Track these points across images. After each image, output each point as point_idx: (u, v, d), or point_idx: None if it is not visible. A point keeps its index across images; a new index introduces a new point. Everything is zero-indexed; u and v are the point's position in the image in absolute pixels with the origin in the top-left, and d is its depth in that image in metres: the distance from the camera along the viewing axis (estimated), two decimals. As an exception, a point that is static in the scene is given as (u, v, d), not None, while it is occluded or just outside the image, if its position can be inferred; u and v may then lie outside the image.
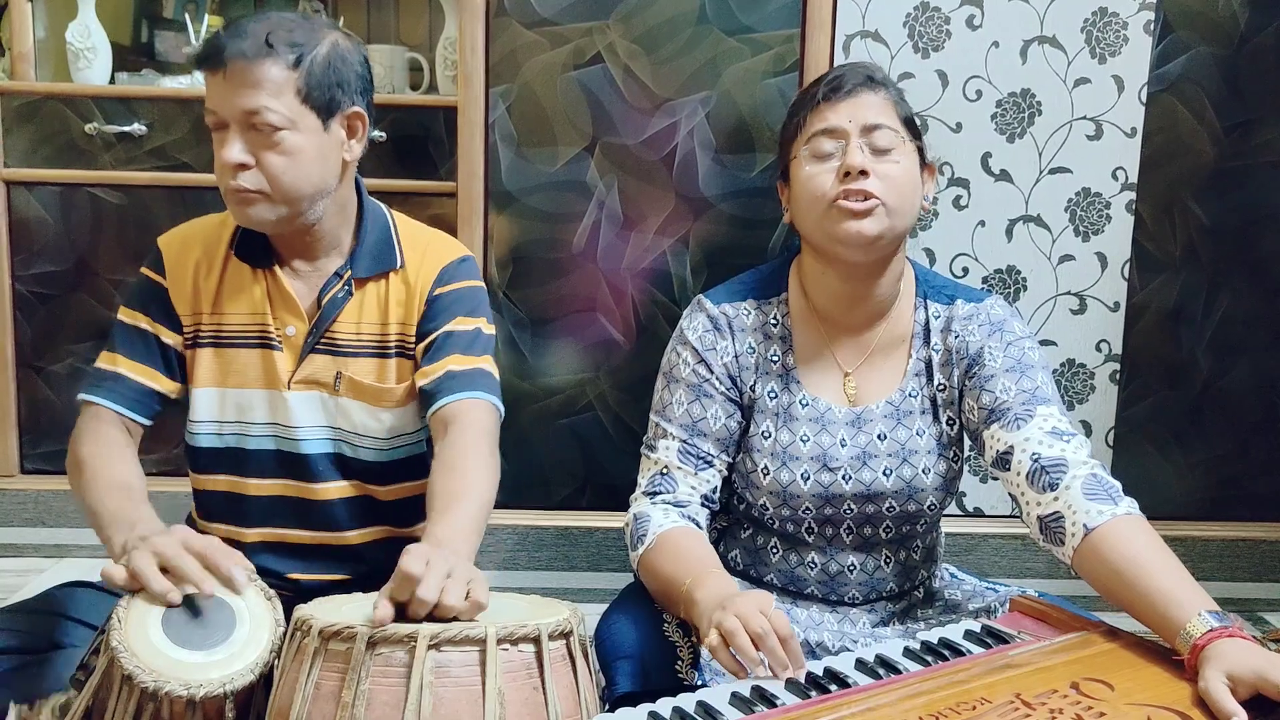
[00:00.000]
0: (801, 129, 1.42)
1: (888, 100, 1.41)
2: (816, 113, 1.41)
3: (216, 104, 1.36)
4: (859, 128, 1.38)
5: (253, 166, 1.36)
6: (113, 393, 1.46)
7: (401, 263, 1.50)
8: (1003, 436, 1.39)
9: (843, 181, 1.36)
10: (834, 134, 1.39)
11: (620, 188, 2.35)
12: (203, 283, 1.49)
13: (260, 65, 1.34)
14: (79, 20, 2.40)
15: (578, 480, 2.45)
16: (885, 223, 1.37)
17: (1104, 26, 2.31)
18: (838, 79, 1.42)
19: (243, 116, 1.35)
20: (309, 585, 1.50)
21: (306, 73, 1.36)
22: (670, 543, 1.38)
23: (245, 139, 1.36)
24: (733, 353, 1.47)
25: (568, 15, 2.29)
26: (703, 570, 1.32)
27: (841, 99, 1.40)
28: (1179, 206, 2.40)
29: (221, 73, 1.34)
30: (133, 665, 1.10)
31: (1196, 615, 1.13)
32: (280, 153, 1.37)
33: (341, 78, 1.40)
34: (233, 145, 1.36)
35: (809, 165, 1.40)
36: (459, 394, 1.44)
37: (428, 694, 1.04)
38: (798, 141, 1.43)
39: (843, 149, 1.38)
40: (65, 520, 2.44)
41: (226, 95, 1.35)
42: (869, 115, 1.39)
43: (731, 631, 1.15)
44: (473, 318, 1.50)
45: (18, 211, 2.40)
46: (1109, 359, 2.44)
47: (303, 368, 1.47)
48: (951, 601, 1.53)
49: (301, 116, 1.37)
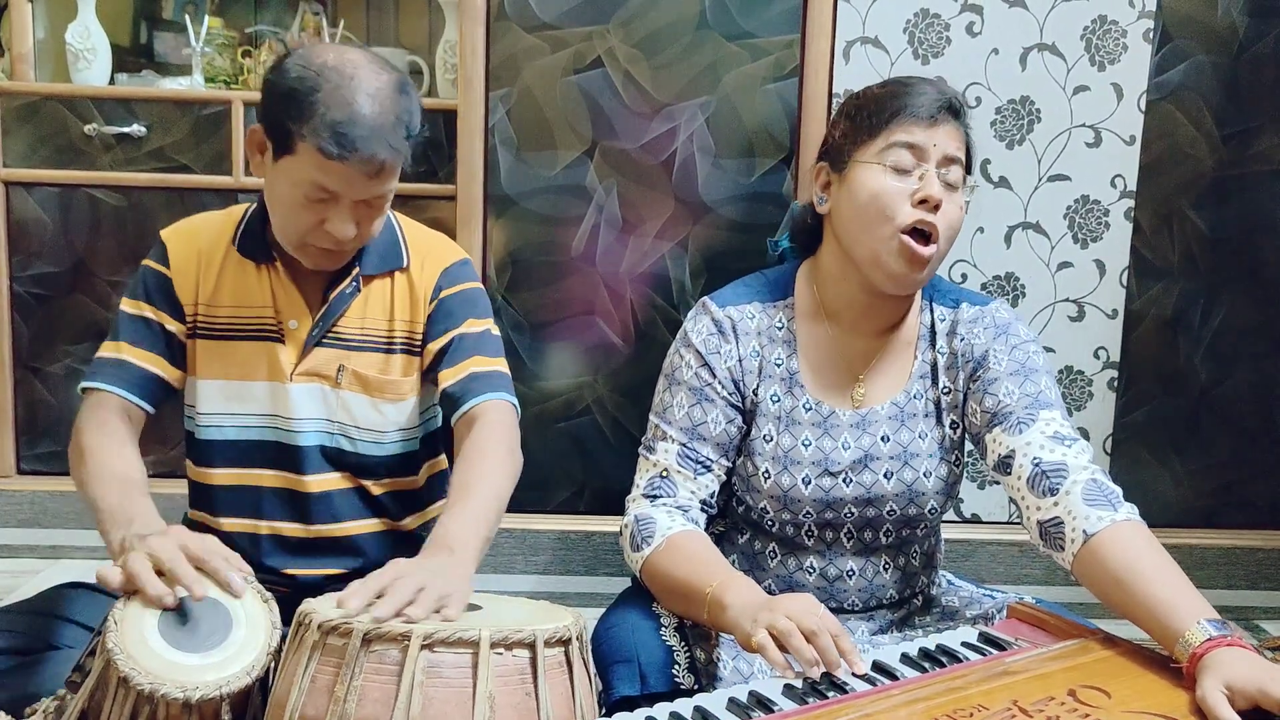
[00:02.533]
0: (881, 132, 1.38)
1: (962, 134, 1.40)
2: (902, 125, 1.37)
3: (343, 189, 1.36)
4: (940, 155, 1.37)
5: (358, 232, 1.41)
6: (117, 378, 1.46)
7: (407, 263, 1.53)
8: (1005, 440, 1.39)
9: (917, 208, 1.36)
10: (917, 153, 1.36)
11: (619, 192, 2.35)
12: (206, 276, 1.50)
13: (400, 158, 1.37)
14: (79, 21, 2.40)
15: (575, 484, 2.45)
16: (934, 266, 1.39)
17: (1103, 34, 2.32)
18: (929, 96, 1.38)
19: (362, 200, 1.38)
20: (306, 580, 1.51)
21: (410, 149, 1.40)
22: (682, 546, 1.37)
23: (355, 212, 1.39)
24: (736, 356, 1.47)
25: (568, 19, 2.29)
26: (727, 575, 1.32)
27: (934, 122, 1.37)
28: (1177, 214, 2.40)
29: (357, 164, 1.33)
30: (128, 668, 1.09)
31: (1195, 623, 1.13)
32: (380, 214, 1.43)
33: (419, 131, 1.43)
34: (345, 223, 1.38)
35: (885, 176, 1.37)
36: (483, 396, 1.48)
37: (418, 693, 1.04)
38: (873, 145, 1.39)
39: (920, 171, 1.36)
40: (61, 521, 2.44)
41: (359, 184, 1.36)
42: (951, 147, 1.38)
43: (786, 632, 1.16)
44: (482, 319, 1.54)
45: (16, 212, 2.40)
46: (1107, 366, 2.44)
47: (306, 360, 1.48)
48: (949, 608, 1.53)
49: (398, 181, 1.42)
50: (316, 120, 1.32)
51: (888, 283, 1.39)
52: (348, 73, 1.34)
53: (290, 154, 1.34)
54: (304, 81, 1.33)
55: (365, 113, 1.33)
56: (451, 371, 1.49)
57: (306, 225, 1.38)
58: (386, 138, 1.34)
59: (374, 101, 1.34)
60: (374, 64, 1.38)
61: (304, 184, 1.35)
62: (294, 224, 1.39)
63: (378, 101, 1.34)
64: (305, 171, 1.34)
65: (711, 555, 1.37)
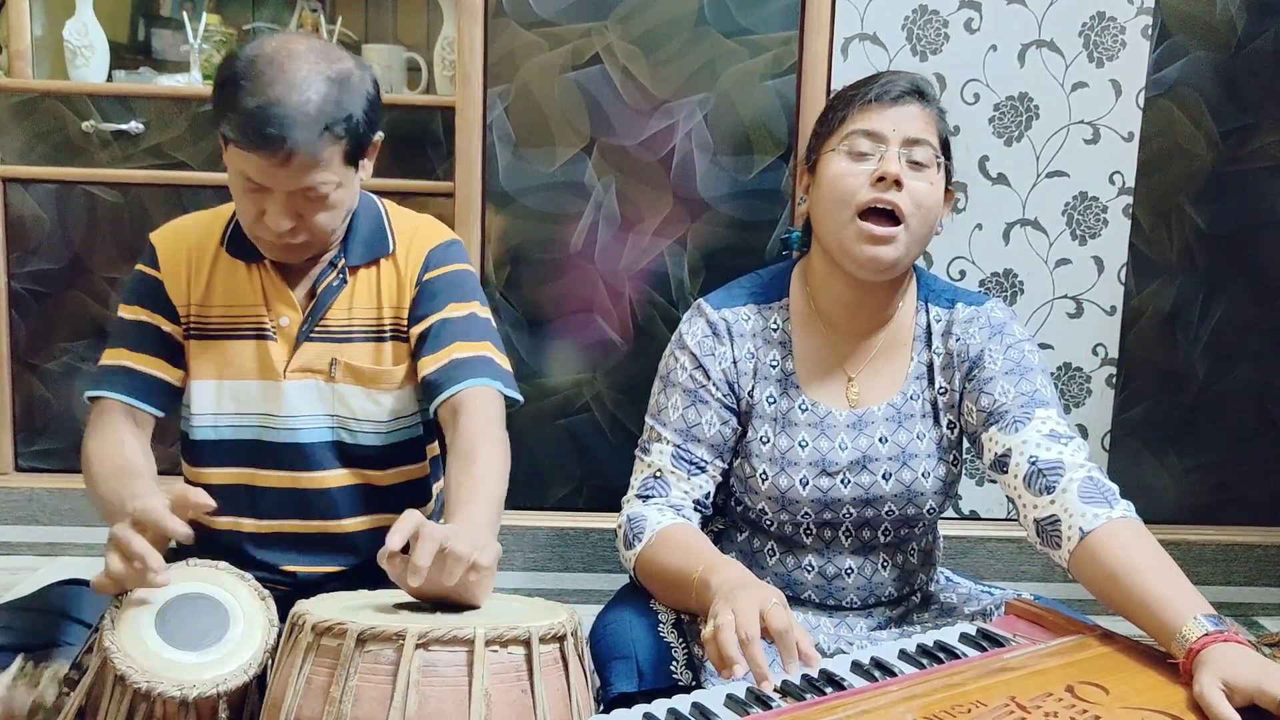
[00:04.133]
0: (841, 124, 1.41)
1: (931, 116, 1.41)
2: (861, 112, 1.39)
3: (261, 178, 1.34)
4: (901, 138, 1.37)
5: (297, 225, 1.38)
6: (120, 385, 1.46)
7: (393, 248, 1.51)
8: (1001, 439, 1.38)
9: (875, 188, 1.36)
10: (875, 137, 1.38)
11: (618, 189, 2.35)
12: (196, 276, 1.50)
13: (319, 150, 1.33)
14: (76, 18, 2.39)
15: (574, 481, 2.45)
16: (903, 248, 1.38)
17: (1102, 31, 2.32)
18: (889, 83, 1.40)
19: (293, 191, 1.35)
20: (305, 578, 1.51)
21: (351, 137, 1.37)
22: (672, 537, 1.37)
23: (290, 203, 1.36)
24: (731, 358, 1.47)
25: (566, 16, 2.29)
26: (714, 558, 1.31)
27: (889, 105, 1.39)
28: (1176, 211, 2.40)
29: (266, 154, 1.31)
30: (125, 666, 1.10)
31: (1192, 619, 1.13)
32: (325, 208, 1.39)
33: (371, 121, 1.41)
34: (280, 215, 1.36)
35: (842, 162, 1.39)
36: (465, 382, 1.44)
37: (414, 693, 1.04)
38: (835, 136, 1.41)
39: (880, 154, 1.37)
40: (59, 518, 2.44)
41: (279, 176, 1.33)
42: (913, 128, 1.38)
43: (720, 627, 1.13)
44: (464, 302, 1.50)
45: (14, 209, 2.40)
46: (1105, 363, 2.44)
47: (297, 356, 1.48)
48: (947, 605, 1.53)
49: (345, 174, 1.39)
50: (236, 108, 1.31)
51: (858, 269, 1.39)
52: (277, 61, 1.32)
53: (226, 144, 1.36)
54: (234, 71, 1.34)
55: (280, 101, 1.30)
56: (433, 359, 1.46)
57: (250, 216, 1.39)
58: (298, 127, 1.30)
59: (294, 91, 1.31)
60: (314, 54, 1.35)
61: (237, 174, 1.36)
62: (242, 215, 1.40)
63: (298, 91, 1.31)
64: (233, 160, 1.36)
65: (700, 543, 1.37)
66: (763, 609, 1.14)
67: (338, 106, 1.34)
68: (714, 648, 1.13)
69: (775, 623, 1.13)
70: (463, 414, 1.41)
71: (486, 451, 1.38)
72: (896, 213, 1.36)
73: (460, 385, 1.44)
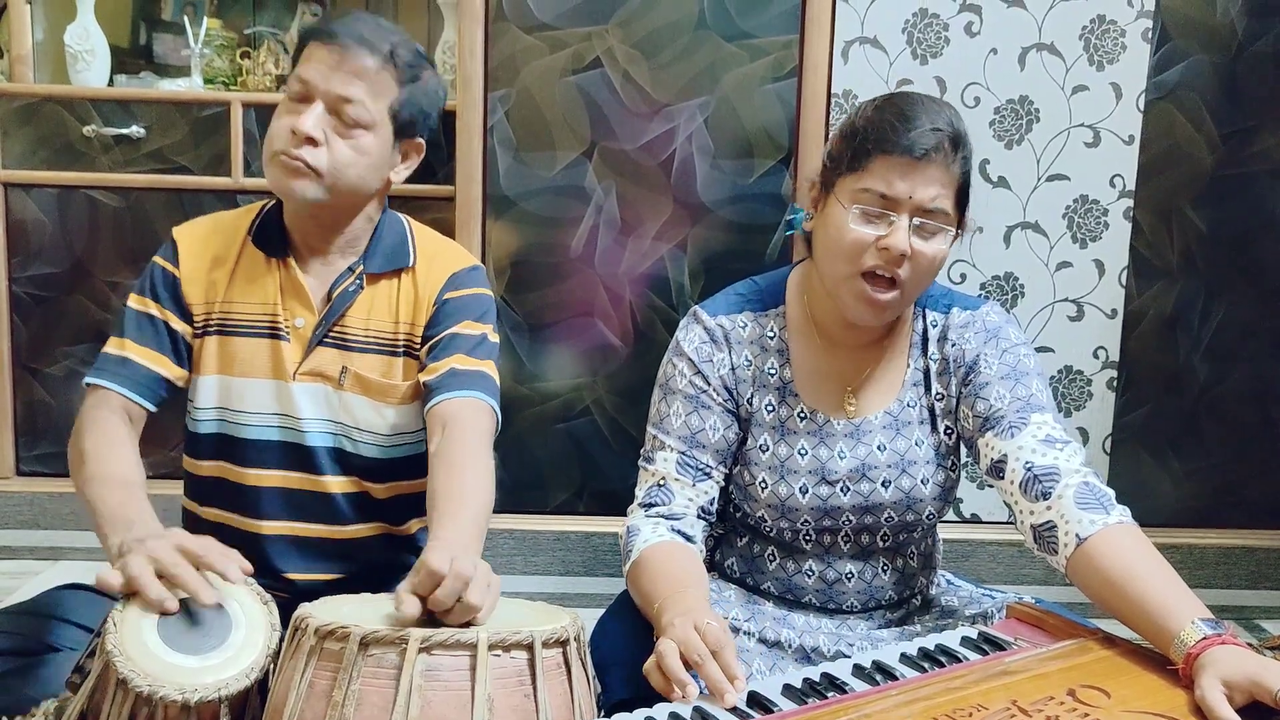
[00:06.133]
0: (862, 168, 1.34)
1: (954, 175, 1.35)
2: (882, 164, 1.33)
3: (314, 76, 1.40)
4: (914, 205, 1.33)
5: (321, 145, 1.40)
6: (119, 376, 1.47)
7: (413, 262, 1.52)
8: (997, 444, 1.38)
9: (879, 255, 1.34)
10: (889, 203, 1.33)
11: (618, 193, 2.35)
12: (217, 273, 1.50)
13: (375, 60, 1.40)
14: (78, 22, 2.40)
15: (575, 485, 2.45)
16: (899, 306, 1.38)
17: (1102, 34, 2.32)
18: (920, 134, 1.32)
19: (336, 100, 1.40)
20: (305, 585, 1.50)
21: (408, 91, 1.45)
22: (651, 560, 1.37)
23: (323, 117, 1.40)
24: (729, 365, 1.47)
25: (567, 20, 2.29)
26: (673, 590, 1.30)
27: (914, 163, 1.32)
28: (1176, 214, 2.40)
29: (336, 48, 1.39)
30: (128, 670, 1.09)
31: (1190, 623, 1.13)
32: (351, 145, 1.42)
33: (428, 111, 1.49)
34: (311, 117, 1.40)
35: (853, 221, 1.34)
36: (459, 392, 1.44)
37: (416, 697, 1.04)
38: (853, 176, 1.35)
39: (890, 221, 1.33)
40: (61, 523, 2.44)
41: (330, 72, 1.40)
42: (930, 193, 1.33)
43: (662, 653, 1.14)
44: (480, 323, 1.52)
45: (15, 213, 2.40)
46: (1106, 366, 2.44)
47: (309, 360, 1.48)
48: (948, 608, 1.53)
49: (384, 124, 1.44)
50: (326, 24, 1.43)
51: (854, 319, 1.41)
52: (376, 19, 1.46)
53: (295, 62, 1.44)
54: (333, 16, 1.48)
55: (361, 21, 1.43)
56: (434, 366, 1.47)
57: (282, 134, 1.41)
58: (367, 39, 1.40)
59: (377, 24, 1.44)
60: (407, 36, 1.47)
61: (293, 82, 1.42)
62: (275, 130, 1.43)
63: (381, 27, 1.44)
64: (298, 69, 1.42)
65: (671, 569, 1.35)
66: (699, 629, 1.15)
67: (408, 54, 1.44)
68: (657, 676, 1.14)
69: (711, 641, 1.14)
70: (452, 424, 1.41)
71: (474, 467, 1.37)
72: (896, 280, 1.35)
73: (452, 394, 1.44)
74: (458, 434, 1.40)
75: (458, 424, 1.41)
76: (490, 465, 1.40)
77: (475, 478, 1.35)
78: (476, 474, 1.36)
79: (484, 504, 1.34)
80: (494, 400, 1.48)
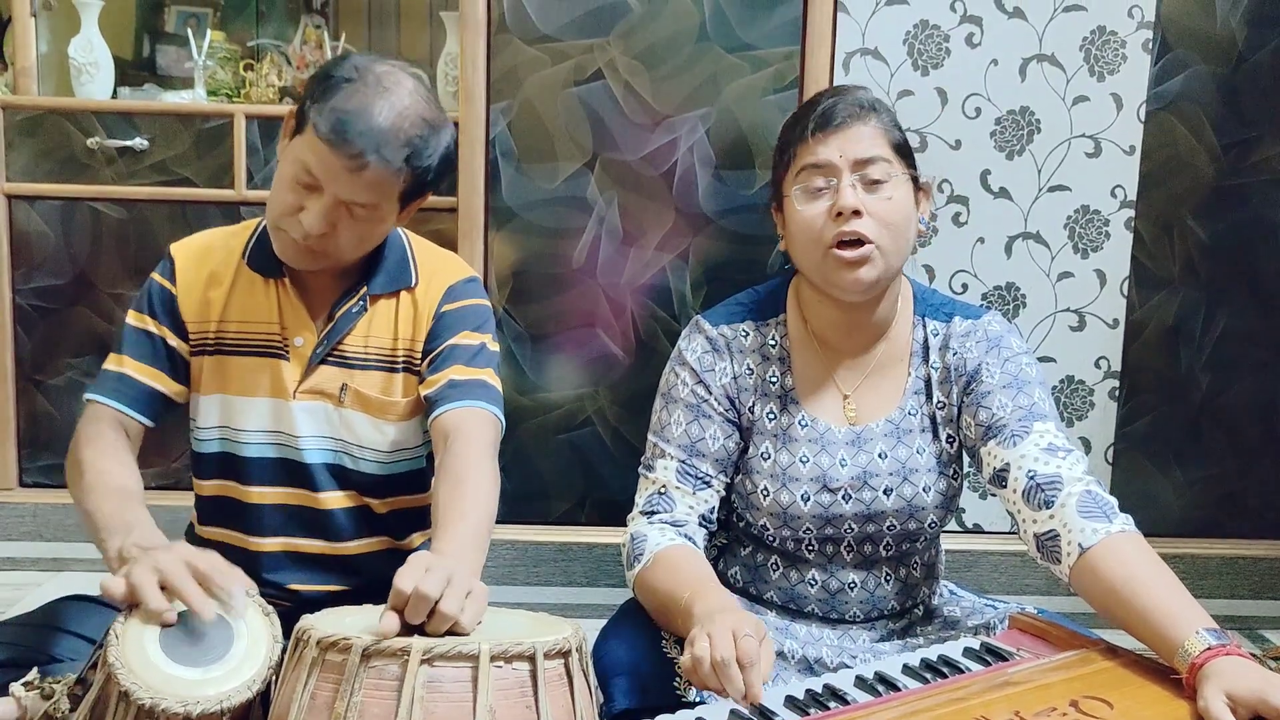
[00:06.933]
0: (792, 162, 1.41)
1: (879, 129, 1.39)
2: (806, 146, 1.39)
3: (324, 176, 1.35)
4: (850, 162, 1.36)
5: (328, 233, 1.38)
6: (117, 392, 1.47)
7: (415, 281, 1.52)
8: (999, 453, 1.38)
9: (836, 221, 1.36)
10: (824, 169, 1.37)
11: (620, 203, 2.35)
12: (213, 292, 1.50)
13: (389, 170, 1.35)
14: (82, 35, 2.41)
15: (577, 495, 2.45)
16: (881, 266, 1.38)
17: (1103, 45, 2.32)
18: (827, 110, 1.39)
19: (347, 200, 1.36)
20: (309, 596, 1.51)
21: (417, 179, 1.39)
22: (668, 560, 1.38)
23: (332, 211, 1.37)
24: (731, 374, 1.47)
25: (569, 31, 2.30)
26: (701, 585, 1.31)
27: (832, 132, 1.37)
28: (1178, 224, 2.41)
29: (351, 160, 1.33)
30: (129, 682, 1.09)
31: (1194, 633, 1.13)
32: (358, 229, 1.40)
33: (439, 175, 1.44)
34: (317, 218, 1.36)
35: (801, 204, 1.39)
36: (460, 403, 1.44)
37: (418, 708, 1.03)
38: (789, 176, 1.41)
39: (834, 185, 1.37)
40: (63, 534, 2.44)
41: (343, 176, 1.34)
42: (860, 149, 1.37)
43: (698, 658, 1.13)
44: (478, 333, 1.51)
45: (19, 225, 2.41)
46: (1108, 376, 2.44)
47: (309, 378, 1.48)
48: (950, 618, 1.53)
49: (392, 209, 1.41)
50: (329, 104, 1.34)
51: (843, 293, 1.40)
52: (385, 85, 1.36)
53: (300, 132, 1.37)
54: (342, 73, 1.37)
55: (375, 115, 1.34)
56: (433, 379, 1.47)
57: (285, 206, 1.38)
58: (382, 143, 1.33)
59: (390, 112, 1.35)
60: (418, 93, 1.39)
61: (297, 163, 1.36)
62: (276, 201, 1.40)
63: (394, 114, 1.35)
64: (302, 150, 1.36)
65: (692, 567, 1.37)
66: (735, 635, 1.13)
67: (423, 145, 1.38)
68: (697, 679, 1.14)
69: (741, 655, 1.12)
70: (455, 436, 1.41)
71: (478, 478, 1.37)
72: (862, 239, 1.36)
73: (454, 404, 1.44)
74: (460, 446, 1.40)
75: (460, 435, 1.41)
76: (493, 474, 1.40)
77: (476, 489, 1.35)
78: (477, 485, 1.36)
79: (484, 516, 1.34)
80: (495, 408, 1.48)
